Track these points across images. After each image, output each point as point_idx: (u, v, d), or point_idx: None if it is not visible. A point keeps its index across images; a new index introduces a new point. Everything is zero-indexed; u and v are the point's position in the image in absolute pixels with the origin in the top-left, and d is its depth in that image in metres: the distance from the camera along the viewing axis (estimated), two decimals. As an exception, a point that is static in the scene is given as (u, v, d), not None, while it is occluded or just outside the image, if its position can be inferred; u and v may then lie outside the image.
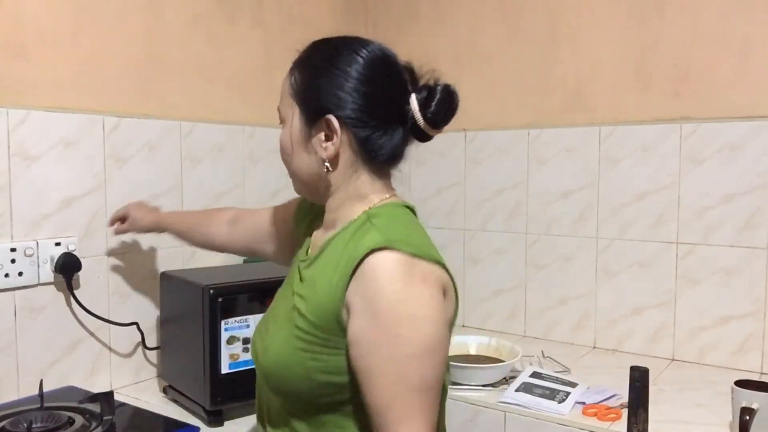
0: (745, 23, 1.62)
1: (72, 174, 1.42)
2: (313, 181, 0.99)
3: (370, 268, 0.86)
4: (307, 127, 0.97)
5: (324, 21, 2.09)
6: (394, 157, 0.99)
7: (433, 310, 0.87)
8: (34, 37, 1.36)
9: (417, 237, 0.93)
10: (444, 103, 0.95)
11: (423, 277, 0.87)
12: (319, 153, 0.95)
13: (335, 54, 0.96)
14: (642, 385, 1.21)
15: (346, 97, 0.93)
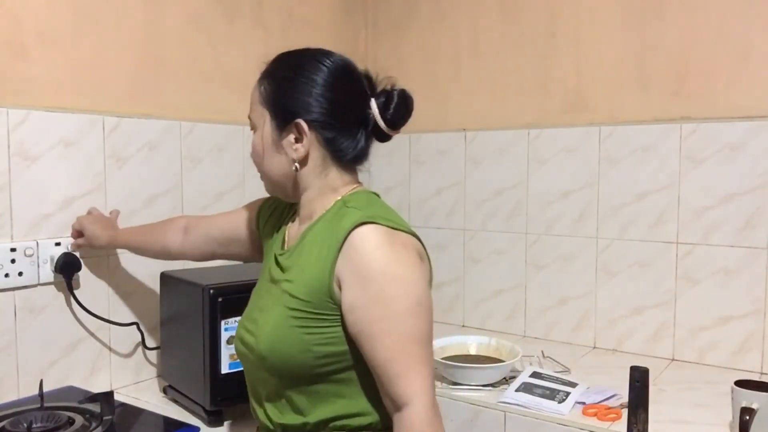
0: (745, 23, 1.62)
1: (72, 174, 1.42)
2: (284, 180, 1.09)
3: (356, 240, 0.97)
4: (277, 131, 1.06)
5: (324, 21, 2.09)
6: (359, 156, 1.09)
7: (417, 271, 0.98)
8: (34, 37, 1.36)
9: (390, 214, 1.04)
10: (401, 107, 1.07)
11: (403, 244, 0.99)
12: (290, 154, 1.05)
13: (301, 64, 1.08)
14: (642, 385, 1.21)
15: (313, 102, 1.03)
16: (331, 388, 1.01)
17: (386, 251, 0.97)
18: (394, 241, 0.98)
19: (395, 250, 0.97)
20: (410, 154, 2.19)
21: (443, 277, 2.08)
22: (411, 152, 2.19)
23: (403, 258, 0.98)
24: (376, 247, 0.96)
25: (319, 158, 1.06)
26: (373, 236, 0.97)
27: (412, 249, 1.00)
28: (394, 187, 2.23)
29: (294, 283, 1.02)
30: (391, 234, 0.98)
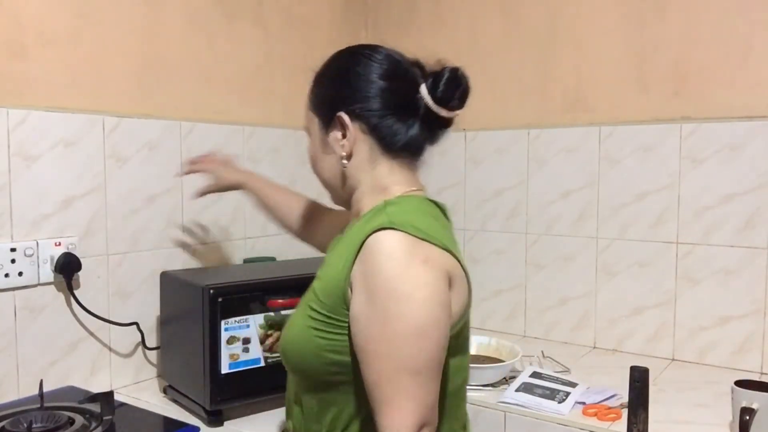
0: (745, 23, 1.62)
1: (72, 174, 1.42)
2: (337, 182, 1.04)
3: (372, 246, 0.88)
4: (324, 132, 1.03)
5: (324, 21, 2.09)
6: (410, 144, 1.00)
7: (430, 292, 0.86)
8: (34, 37, 1.36)
9: (427, 223, 0.93)
10: (451, 83, 0.98)
11: (425, 259, 0.88)
12: (337, 151, 1.00)
13: (340, 59, 1.04)
14: (642, 385, 1.21)
15: (352, 92, 0.99)
16: (340, 398, 0.95)
17: (399, 263, 0.86)
18: (415, 254, 0.87)
19: (411, 263, 0.86)
20: (410, 154, 2.19)
21: (443, 277, 2.08)
22: (411, 152, 2.19)
23: (418, 274, 0.86)
24: (389, 257, 0.87)
25: (366, 150, 0.99)
26: (390, 244, 0.87)
27: (436, 267, 0.88)
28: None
29: (320, 281, 0.97)
30: (413, 245, 0.88)
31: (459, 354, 0.97)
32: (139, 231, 1.55)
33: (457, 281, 0.92)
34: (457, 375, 0.98)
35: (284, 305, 1.40)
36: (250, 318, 1.36)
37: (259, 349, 1.37)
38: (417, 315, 0.85)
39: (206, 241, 1.71)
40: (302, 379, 0.99)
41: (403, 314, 0.85)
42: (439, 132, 1.02)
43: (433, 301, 0.86)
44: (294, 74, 1.99)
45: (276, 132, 1.92)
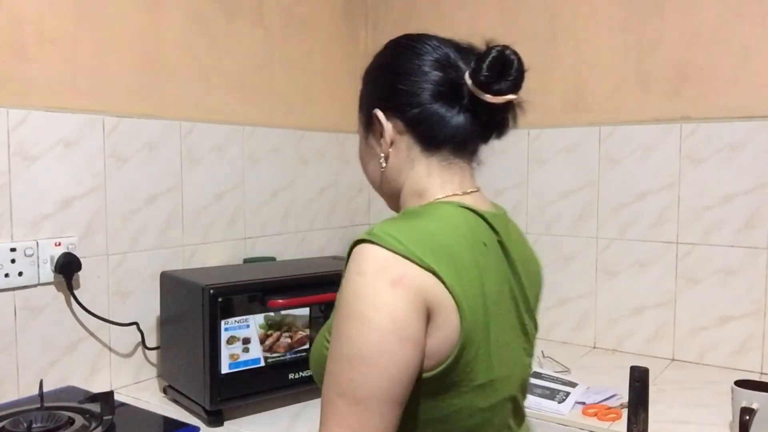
0: (744, 23, 1.62)
1: (72, 174, 1.42)
2: (383, 185, 0.95)
3: (350, 259, 0.80)
4: (366, 133, 0.95)
5: (324, 21, 2.09)
6: (452, 138, 0.89)
7: (388, 318, 0.74)
8: (34, 37, 1.36)
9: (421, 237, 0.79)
10: (496, 62, 0.86)
11: (396, 281, 0.75)
12: (377, 152, 0.92)
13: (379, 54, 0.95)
14: (642, 385, 1.21)
15: (385, 88, 0.91)
16: None
17: (364, 281, 0.76)
18: (384, 273, 0.76)
19: (377, 283, 0.75)
20: (410, 154, 2.19)
21: (443, 277, 2.08)
22: (411, 152, 2.19)
23: (380, 296, 0.75)
24: (357, 272, 0.77)
25: (404, 148, 0.90)
26: (361, 258, 0.78)
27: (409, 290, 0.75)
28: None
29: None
30: (387, 262, 0.76)
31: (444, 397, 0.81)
32: (139, 231, 1.55)
33: (440, 312, 0.77)
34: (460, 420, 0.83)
35: (284, 305, 1.40)
36: (250, 318, 1.36)
37: (259, 349, 1.37)
38: (365, 340, 0.74)
39: (206, 241, 1.71)
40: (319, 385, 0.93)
41: (352, 336, 0.75)
42: (494, 124, 0.91)
43: (388, 329, 0.74)
44: (294, 74, 1.99)
45: (276, 132, 1.92)
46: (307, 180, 2.03)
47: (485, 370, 0.82)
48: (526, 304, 0.92)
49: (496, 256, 0.87)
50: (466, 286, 0.79)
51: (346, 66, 2.20)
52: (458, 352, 0.78)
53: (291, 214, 1.98)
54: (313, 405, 1.43)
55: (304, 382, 1.43)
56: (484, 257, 0.84)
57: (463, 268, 0.80)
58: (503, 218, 0.95)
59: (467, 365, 0.80)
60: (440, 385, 0.80)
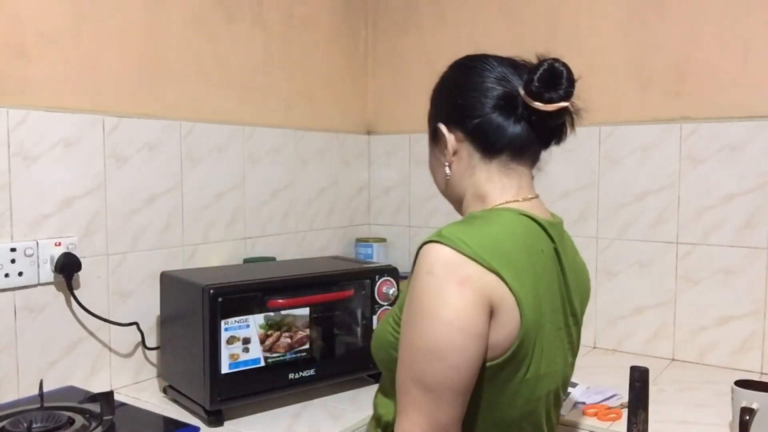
0: (745, 23, 1.62)
1: (72, 174, 1.42)
2: (449, 191, 1.06)
3: (419, 257, 0.89)
4: (432, 145, 1.07)
5: (324, 21, 2.09)
6: (510, 145, 0.97)
7: (455, 316, 0.83)
8: (34, 37, 1.36)
9: (485, 241, 0.88)
10: (547, 74, 0.95)
11: (463, 281, 0.84)
12: (443, 161, 1.03)
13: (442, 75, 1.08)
14: (642, 385, 1.21)
15: (448, 103, 1.02)
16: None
17: (434, 279, 0.85)
18: (453, 272, 0.85)
19: (446, 282, 0.85)
20: (410, 154, 2.19)
21: (443, 277, 2.08)
22: (411, 152, 2.19)
23: (449, 295, 0.84)
24: (425, 272, 0.86)
25: (466, 156, 1.00)
26: (431, 258, 0.87)
27: (474, 290, 0.84)
28: (394, 187, 2.23)
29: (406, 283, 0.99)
30: (455, 263, 0.85)
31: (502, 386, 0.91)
32: (139, 231, 1.55)
33: (502, 310, 0.86)
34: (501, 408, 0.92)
35: (284, 305, 1.40)
36: (250, 318, 1.36)
37: (259, 349, 1.37)
38: (434, 335, 0.84)
39: (206, 241, 1.71)
40: (380, 368, 1.04)
41: (424, 331, 0.85)
42: (551, 131, 0.98)
43: (455, 326, 0.83)
44: (294, 74, 1.99)
45: (276, 132, 1.92)
46: (307, 180, 2.03)
47: (536, 365, 0.91)
48: (572, 309, 1.01)
49: (551, 262, 0.97)
50: (524, 287, 0.88)
51: (346, 66, 2.20)
52: (517, 346, 0.88)
53: (291, 214, 1.98)
54: (313, 405, 1.43)
55: (304, 382, 1.43)
56: (540, 263, 0.93)
57: (521, 271, 0.88)
58: (559, 227, 1.03)
59: (523, 358, 0.89)
60: (499, 375, 0.89)
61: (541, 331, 0.91)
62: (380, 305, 1.54)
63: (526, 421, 0.95)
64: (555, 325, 0.95)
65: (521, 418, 0.94)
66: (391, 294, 1.54)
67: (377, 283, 1.53)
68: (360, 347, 1.54)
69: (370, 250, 2.14)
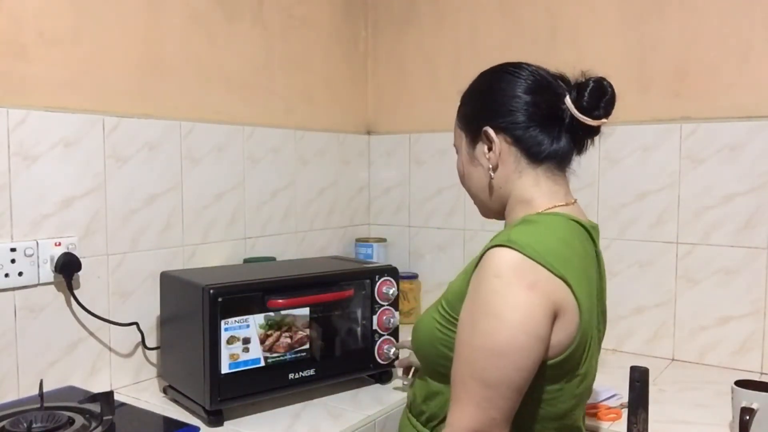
0: (745, 23, 1.62)
1: (72, 174, 1.42)
2: (487, 195, 1.09)
3: (487, 259, 0.93)
4: (471, 147, 1.09)
5: (324, 21, 2.09)
6: (556, 154, 1.03)
7: (522, 318, 0.88)
8: (34, 37, 1.36)
9: (552, 247, 0.94)
10: (596, 91, 1.01)
11: (532, 285, 0.89)
12: (484, 164, 1.06)
13: (484, 77, 1.10)
14: (642, 385, 1.21)
15: (495, 107, 1.04)
16: (443, 388, 1.03)
17: (502, 283, 0.90)
18: (522, 276, 0.90)
19: (514, 285, 0.89)
20: (410, 154, 2.19)
21: (443, 278, 2.08)
22: (411, 152, 2.19)
23: (517, 298, 0.89)
24: (494, 275, 0.91)
25: (512, 161, 1.04)
26: (500, 262, 0.91)
27: (541, 294, 0.89)
28: (394, 187, 2.23)
29: (453, 281, 1.05)
30: (524, 267, 0.90)
31: (560, 382, 0.97)
32: (139, 231, 1.55)
33: (565, 313, 0.92)
34: (557, 402, 0.99)
35: (284, 305, 1.40)
36: (250, 318, 1.36)
37: (259, 349, 1.37)
38: (501, 336, 0.88)
39: (206, 241, 1.71)
40: (423, 363, 1.09)
41: (489, 331, 0.89)
42: (586, 141, 1.06)
43: (521, 328, 0.88)
44: (294, 74, 1.99)
45: (276, 132, 1.92)
46: (307, 180, 2.03)
47: (585, 363, 0.99)
48: (604, 309, 1.10)
49: (595, 265, 1.05)
50: (583, 292, 0.94)
51: (346, 66, 2.20)
52: (575, 346, 0.94)
53: (291, 214, 1.98)
54: (313, 405, 1.43)
55: (304, 382, 1.43)
56: (589, 266, 1.01)
57: (580, 276, 0.95)
58: (598, 231, 1.10)
59: (578, 358, 0.96)
60: (555, 372, 0.95)
61: (591, 332, 0.99)
62: (380, 305, 1.54)
63: (571, 414, 1.03)
64: (595, 325, 1.03)
65: (570, 410, 1.02)
66: (391, 294, 1.54)
67: (377, 283, 1.53)
68: (360, 347, 1.54)
69: (370, 250, 2.14)
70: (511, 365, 0.89)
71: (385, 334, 1.55)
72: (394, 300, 1.56)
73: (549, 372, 0.94)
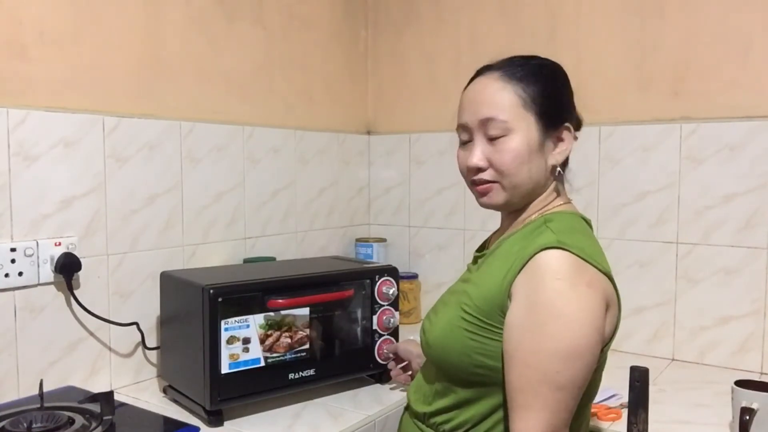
0: (745, 23, 1.62)
1: (72, 174, 1.42)
2: (531, 187, 1.05)
3: (540, 263, 0.93)
4: (542, 135, 1.03)
5: (324, 21, 2.09)
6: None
7: (590, 316, 0.91)
8: (34, 37, 1.36)
9: (589, 245, 0.98)
10: None
11: (590, 282, 0.92)
12: (549, 160, 1.04)
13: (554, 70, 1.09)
14: (642, 385, 1.21)
15: (572, 106, 1.08)
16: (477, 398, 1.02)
17: (565, 285, 0.91)
18: (581, 276, 0.92)
19: (576, 286, 0.91)
20: (410, 154, 2.19)
21: (443, 278, 2.08)
22: (411, 152, 2.19)
23: (582, 297, 0.91)
24: (554, 277, 0.91)
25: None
26: (558, 264, 0.92)
27: (598, 290, 0.93)
28: (394, 187, 2.23)
29: (476, 287, 1.02)
30: (579, 267, 0.92)
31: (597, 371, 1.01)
32: (139, 231, 1.55)
33: (612, 306, 0.96)
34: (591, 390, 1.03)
35: (284, 305, 1.40)
36: (250, 318, 1.36)
37: (259, 349, 1.37)
38: (572, 336, 0.89)
39: (206, 241, 1.71)
40: (449, 372, 1.05)
41: (559, 333, 0.89)
42: None
43: (592, 326, 0.91)
44: (294, 74, 1.99)
45: (276, 132, 1.92)
46: (307, 180, 2.03)
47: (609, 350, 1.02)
48: None
49: None
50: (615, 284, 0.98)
51: (346, 66, 2.20)
52: (615, 333, 1.00)
53: (291, 214, 1.98)
54: (313, 405, 1.43)
55: (304, 382, 1.43)
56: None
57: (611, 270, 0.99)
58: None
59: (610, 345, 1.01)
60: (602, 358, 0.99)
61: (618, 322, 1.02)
62: (380, 305, 1.54)
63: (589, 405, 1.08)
64: None
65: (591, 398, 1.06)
66: (391, 294, 1.54)
67: (377, 283, 1.53)
68: (360, 347, 1.54)
69: (370, 250, 2.14)
70: (585, 365, 0.91)
71: (385, 334, 1.55)
72: (394, 300, 1.56)
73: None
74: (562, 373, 0.89)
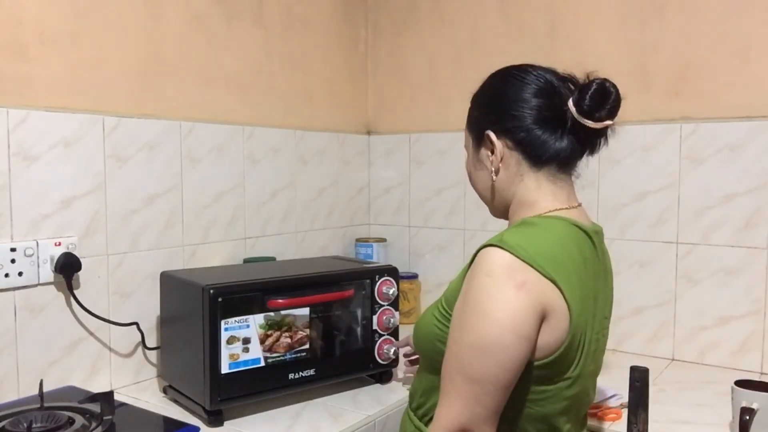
0: (745, 23, 1.62)
1: (72, 174, 1.42)
2: (490, 196, 1.11)
3: (478, 259, 0.96)
4: (476, 149, 1.10)
5: (324, 21, 2.09)
6: (557, 156, 1.03)
7: (509, 317, 0.90)
8: (34, 37, 1.36)
9: (544, 249, 0.95)
10: (597, 94, 0.99)
11: (520, 285, 0.91)
12: (488, 167, 1.08)
13: (489, 81, 1.10)
14: (642, 385, 1.21)
15: (498, 111, 1.05)
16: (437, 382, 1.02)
17: (492, 282, 0.92)
18: (511, 277, 0.91)
19: (503, 285, 0.91)
20: (410, 154, 2.19)
21: (443, 278, 2.08)
22: (411, 152, 2.19)
23: (506, 297, 0.91)
24: (484, 274, 0.93)
25: (514, 164, 1.05)
26: (491, 261, 0.94)
27: (530, 294, 0.91)
28: (394, 187, 2.23)
29: (452, 282, 1.07)
30: (514, 268, 0.92)
31: (548, 383, 0.97)
32: (139, 231, 1.55)
33: (554, 316, 0.93)
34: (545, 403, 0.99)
35: (284, 305, 1.40)
36: (250, 318, 1.36)
37: (259, 349, 1.37)
38: (485, 332, 0.90)
39: (206, 241, 1.71)
40: (422, 358, 1.12)
41: (475, 327, 0.91)
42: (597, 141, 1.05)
43: (507, 327, 0.90)
44: (294, 74, 1.99)
45: (276, 132, 1.92)
46: (307, 180, 2.03)
47: (577, 366, 0.98)
48: (606, 313, 1.08)
49: (593, 270, 1.03)
50: (575, 296, 0.94)
51: (346, 66, 2.20)
52: (564, 349, 0.94)
53: (291, 214, 1.98)
54: (313, 405, 1.43)
55: (304, 382, 1.43)
56: (585, 271, 1.00)
57: (572, 280, 0.95)
58: (601, 235, 1.09)
59: (567, 360, 0.96)
60: (544, 373, 0.96)
61: (584, 336, 0.98)
62: (380, 305, 1.54)
63: (565, 416, 1.02)
64: (594, 330, 1.01)
65: (559, 412, 1.01)
66: (391, 294, 1.54)
67: (377, 283, 1.53)
68: (360, 347, 1.54)
69: (370, 250, 2.14)
70: (494, 362, 0.90)
71: (385, 334, 1.55)
72: (394, 300, 1.56)
73: (536, 372, 0.95)
74: (474, 366, 0.91)
